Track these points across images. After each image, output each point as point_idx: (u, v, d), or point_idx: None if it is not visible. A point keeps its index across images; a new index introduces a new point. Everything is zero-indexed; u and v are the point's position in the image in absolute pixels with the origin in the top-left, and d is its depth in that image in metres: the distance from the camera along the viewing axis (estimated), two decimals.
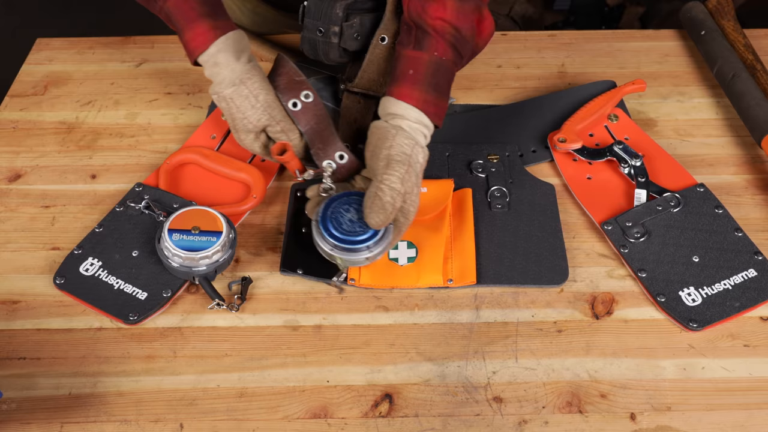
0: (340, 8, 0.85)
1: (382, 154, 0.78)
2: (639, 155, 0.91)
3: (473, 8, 0.81)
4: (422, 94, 0.79)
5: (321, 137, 0.87)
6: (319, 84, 0.97)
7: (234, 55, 0.83)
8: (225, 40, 0.83)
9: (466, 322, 0.79)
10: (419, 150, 0.79)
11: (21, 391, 0.73)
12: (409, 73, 0.80)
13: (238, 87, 0.82)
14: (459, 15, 0.80)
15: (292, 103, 0.86)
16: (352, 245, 0.78)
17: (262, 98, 0.83)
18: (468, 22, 0.81)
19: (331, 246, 0.78)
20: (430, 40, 0.80)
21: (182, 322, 0.79)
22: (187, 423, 0.71)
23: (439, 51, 0.80)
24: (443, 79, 0.81)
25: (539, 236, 0.86)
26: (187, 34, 0.83)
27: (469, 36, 0.82)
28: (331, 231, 0.78)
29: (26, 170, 0.96)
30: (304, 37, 0.89)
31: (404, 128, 0.79)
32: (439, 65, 0.80)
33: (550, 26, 2.09)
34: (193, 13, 0.82)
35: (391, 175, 0.76)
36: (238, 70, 0.83)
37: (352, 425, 0.71)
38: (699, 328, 0.77)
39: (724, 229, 0.86)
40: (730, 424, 0.71)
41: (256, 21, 1.16)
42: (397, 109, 0.79)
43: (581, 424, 0.71)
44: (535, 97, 1.06)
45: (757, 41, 1.12)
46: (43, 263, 0.85)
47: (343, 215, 0.79)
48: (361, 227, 0.78)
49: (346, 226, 0.78)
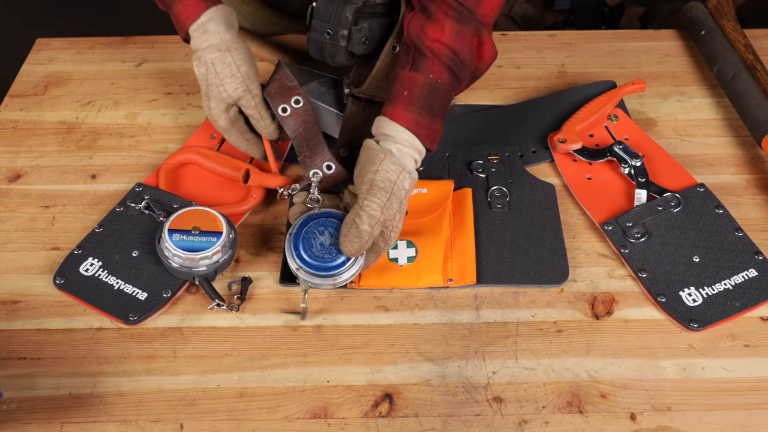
0: (350, 12, 0.85)
1: (366, 177, 0.77)
2: (639, 155, 0.91)
3: (472, 32, 0.80)
4: (414, 115, 0.79)
5: (308, 145, 0.87)
6: (322, 87, 0.96)
7: (224, 25, 0.85)
8: (215, 11, 0.85)
9: (466, 322, 0.79)
10: (405, 176, 0.77)
11: (21, 391, 0.73)
12: (404, 94, 0.79)
13: (222, 53, 0.84)
14: (457, 38, 0.80)
15: (282, 108, 0.86)
16: (318, 270, 0.77)
17: (244, 70, 0.84)
18: (466, 46, 0.80)
19: (297, 266, 0.77)
20: (427, 62, 0.80)
21: (182, 322, 0.79)
22: (187, 423, 0.71)
23: (434, 73, 0.80)
24: (437, 102, 0.80)
25: (539, 236, 0.86)
26: (177, 6, 0.84)
27: (467, 59, 0.81)
28: (300, 252, 0.77)
29: (26, 170, 0.96)
30: (311, 38, 0.89)
31: (393, 152, 0.78)
32: (434, 88, 0.80)
33: (550, 26, 2.09)
34: None
35: (372, 201, 0.75)
36: (227, 38, 0.85)
37: (352, 425, 0.71)
38: (700, 328, 0.77)
39: (725, 229, 0.86)
40: (730, 425, 0.71)
41: (256, 23, 1.15)
42: (389, 129, 0.79)
43: (581, 424, 0.71)
44: (535, 98, 1.06)
45: (757, 41, 1.12)
46: (43, 263, 0.85)
47: (316, 237, 0.78)
48: (331, 254, 0.77)
49: (316, 249, 0.77)
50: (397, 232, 0.79)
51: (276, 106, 0.86)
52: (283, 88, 0.87)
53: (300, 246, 0.78)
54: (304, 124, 0.87)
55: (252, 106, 0.86)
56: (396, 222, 0.78)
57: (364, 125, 0.91)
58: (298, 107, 0.87)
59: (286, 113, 0.86)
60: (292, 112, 0.86)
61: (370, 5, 0.87)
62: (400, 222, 0.78)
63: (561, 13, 2.11)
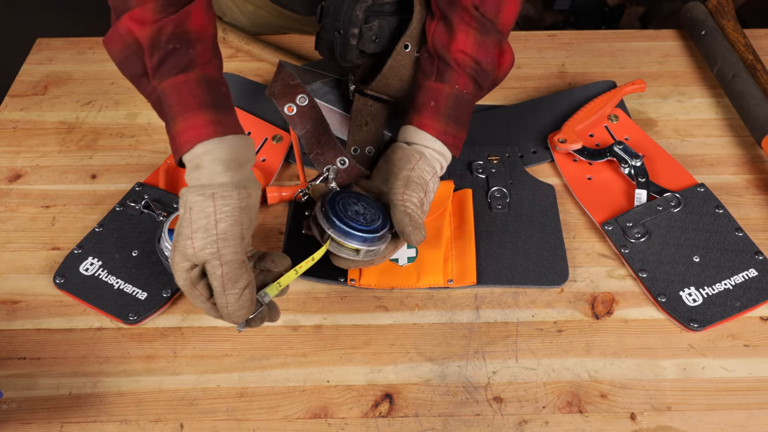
0: (360, 10, 0.86)
1: (402, 174, 0.78)
2: (639, 155, 0.91)
3: (494, 42, 0.82)
4: (442, 125, 0.81)
5: (319, 142, 0.87)
6: (326, 87, 0.97)
7: (222, 164, 0.67)
8: (218, 143, 0.67)
9: (467, 322, 0.79)
10: (436, 179, 0.81)
11: (21, 391, 0.73)
12: (431, 105, 0.81)
13: (205, 200, 0.65)
14: (480, 49, 0.81)
15: (288, 107, 0.86)
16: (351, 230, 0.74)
17: (223, 228, 0.65)
18: (489, 56, 0.82)
19: (328, 226, 0.75)
20: (452, 73, 0.81)
21: (182, 322, 0.79)
22: (187, 423, 0.71)
23: (460, 84, 0.81)
24: (463, 111, 0.82)
25: (539, 236, 0.86)
26: (179, 125, 0.68)
27: (489, 69, 0.83)
28: (336, 211, 0.75)
29: (26, 170, 0.96)
30: (320, 38, 0.89)
31: (426, 155, 0.80)
32: (459, 98, 0.82)
33: (550, 26, 2.09)
34: (194, 101, 0.68)
35: (411, 195, 0.77)
36: (219, 182, 0.66)
37: (352, 425, 0.71)
38: (700, 328, 0.77)
39: (725, 229, 0.86)
40: (730, 424, 0.71)
41: (257, 21, 1.15)
42: (419, 138, 0.81)
43: (581, 424, 0.71)
44: (535, 98, 1.06)
45: (757, 41, 1.12)
46: (43, 263, 0.85)
47: (349, 206, 0.77)
48: (365, 221, 0.76)
49: (351, 213, 0.76)
50: None
51: (282, 105, 0.86)
52: (286, 87, 0.87)
53: (337, 207, 0.75)
54: (312, 122, 0.87)
55: (217, 276, 0.66)
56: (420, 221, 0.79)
57: (372, 122, 0.91)
58: (304, 105, 0.87)
59: (293, 112, 0.86)
60: (299, 111, 0.87)
61: (380, 3, 0.87)
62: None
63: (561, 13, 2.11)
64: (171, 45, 0.69)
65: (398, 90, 0.89)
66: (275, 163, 0.95)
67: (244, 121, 0.98)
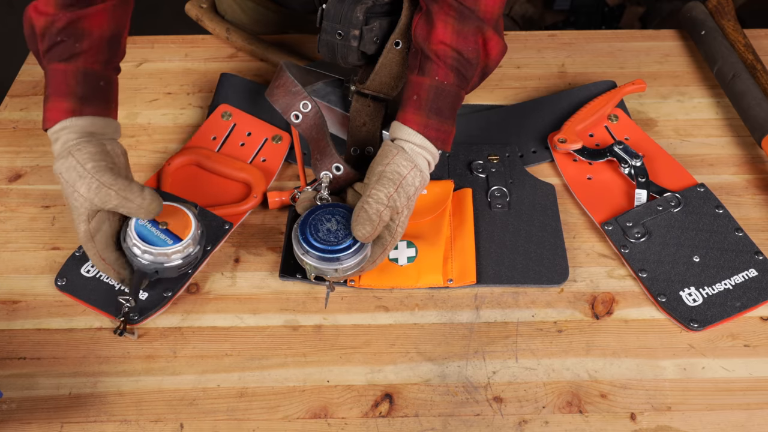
0: (361, 12, 0.86)
1: (377, 169, 0.78)
2: (639, 155, 0.91)
3: (474, 30, 0.81)
4: (423, 119, 0.80)
5: (318, 147, 0.88)
6: (327, 87, 0.97)
7: (77, 134, 0.76)
8: (77, 120, 0.76)
9: (466, 322, 0.79)
10: (416, 173, 0.79)
11: (21, 391, 0.73)
12: (413, 99, 0.81)
13: (65, 159, 0.74)
14: (459, 38, 0.81)
15: (294, 115, 0.87)
16: (324, 253, 0.76)
17: (90, 166, 0.73)
18: (470, 44, 0.81)
19: (303, 251, 0.77)
20: (432, 65, 0.81)
21: (182, 322, 0.79)
22: (187, 423, 0.71)
23: (440, 75, 0.81)
24: (445, 103, 0.81)
25: (539, 236, 0.86)
26: (48, 104, 0.77)
27: (472, 58, 0.82)
28: (306, 236, 0.77)
29: (26, 170, 0.96)
30: (321, 40, 0.89)
31: (406, 150, 0.79)
32: (440, 90, 0.81)
33: (550, 26, 2.09)
34: (66, 88, 0.77)
35: (378, 190, 0.76)
36: (72, 144, 0.75)
37: (352, 425, 0.71)
38: (700, 328, 0.77)
39: (725, 229, 0.86)
40: (730, 424, 0.71)
41: (258, 20, 1.15)
42: (401, 133, 0.81)
43: (581, 424, 0.71)
44: (535, 98, 1.06)
45: (757, 41, 1.12)
46: (43, 263, 0.85)
47: (323, 224, 0.78)
48: (337, 239, 0.77)
49: (322, 234, 0.77)
50: (403, 227, 0.79)
51: (287, 114, 0.87)
52: (288, 95, 0.87)
53: (307, 231, 0.78)
54: (315, 128, 0.88)
55: (112, 196, 0.73)
56: (403, 217, 0.78)
57: (371, 122, 0.91)
58: (308, 111, 0.87)
59: (298, 120, 0.87)
60: (304, 117, 0.87)
61: (380, 4, 0.87)
62: (406, 218, 0.79)
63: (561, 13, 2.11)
64: (59, 37, 0.77)
65: (392, 87, 0.89)
66: (275, 163, 0.95)
67: (244, 122, 0.99)
